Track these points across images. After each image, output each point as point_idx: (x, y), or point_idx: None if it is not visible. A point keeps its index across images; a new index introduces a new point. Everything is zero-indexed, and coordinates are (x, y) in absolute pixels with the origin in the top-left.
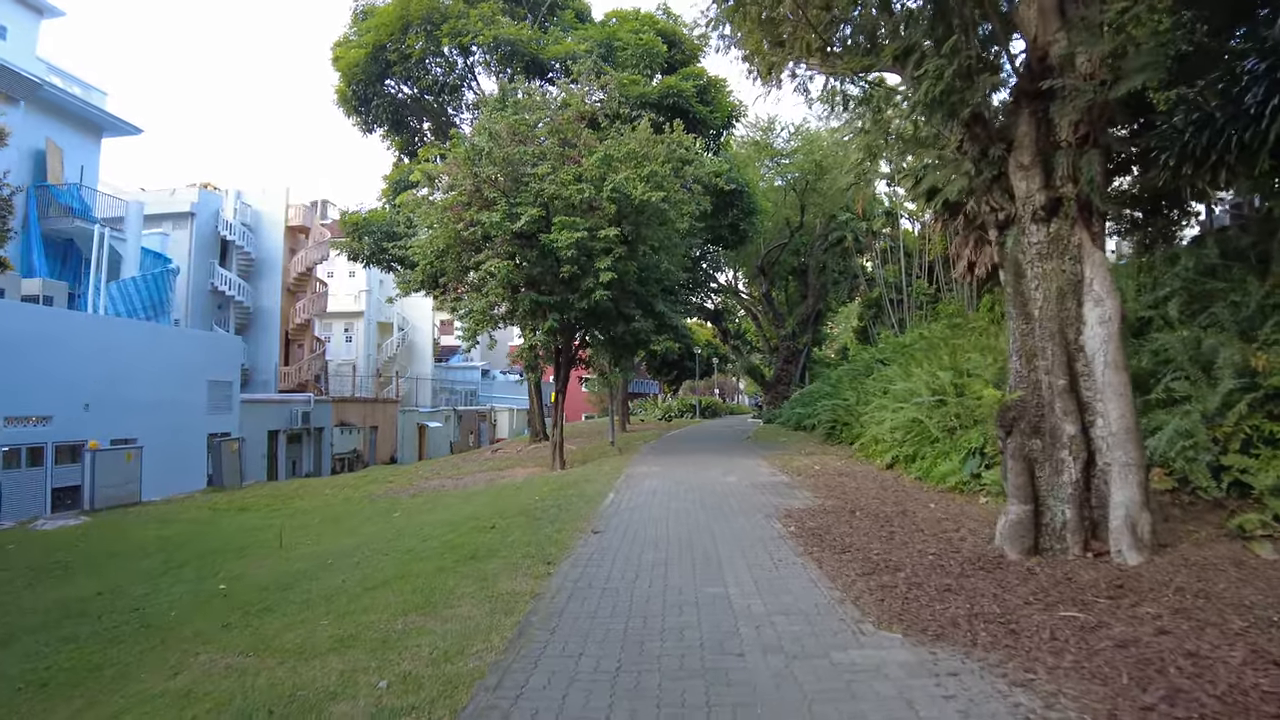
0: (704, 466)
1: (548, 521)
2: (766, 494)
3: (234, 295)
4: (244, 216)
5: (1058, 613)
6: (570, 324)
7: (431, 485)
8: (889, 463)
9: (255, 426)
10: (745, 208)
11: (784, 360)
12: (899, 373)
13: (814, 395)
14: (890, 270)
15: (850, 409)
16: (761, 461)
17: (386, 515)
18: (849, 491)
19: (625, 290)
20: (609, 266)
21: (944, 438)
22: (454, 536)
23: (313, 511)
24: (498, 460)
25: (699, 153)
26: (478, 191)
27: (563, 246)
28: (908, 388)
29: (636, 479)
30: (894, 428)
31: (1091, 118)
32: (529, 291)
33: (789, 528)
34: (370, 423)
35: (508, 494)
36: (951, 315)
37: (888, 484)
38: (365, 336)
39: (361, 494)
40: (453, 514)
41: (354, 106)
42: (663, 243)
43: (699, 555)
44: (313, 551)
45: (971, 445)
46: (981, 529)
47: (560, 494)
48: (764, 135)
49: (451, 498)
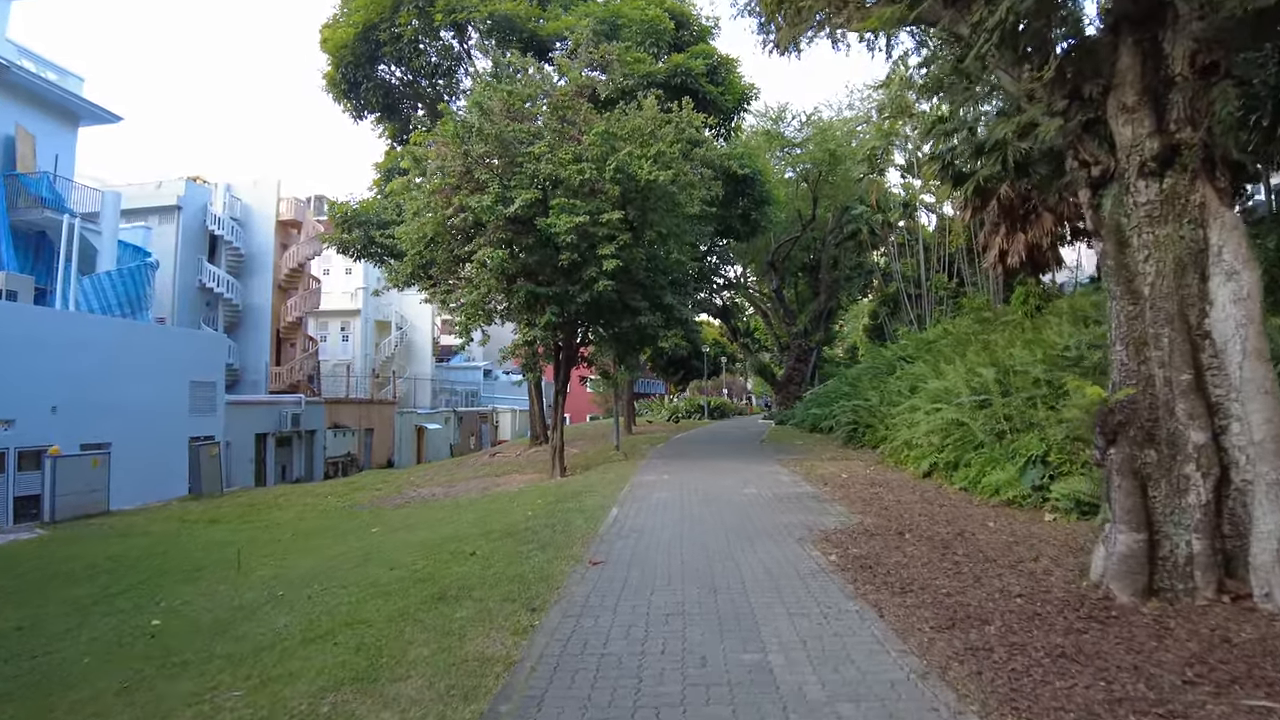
0: (718, 474)
1: (539, 546)
2: (794, 509)
3: (223, 292)
4: (233, 210)
5: (1237, 700)
6: (571, 318)
7: (421, 494)
8: (926, 470)
9: (242, 429)
10: (757, 196)
11: (795, 359)
12: (927, 370)
13: (830, 395)
14: (907, 264)
15: (873, 410)
16: (780, 468)
17: (363, 531)
18: (888, 506)
19: (631, 281)
20: (613, 254)
21: (991, 443)
22: (427, 564)
23: (286, 525)
24: (495, 465)
25: (709, 136)
26: (468, 174)
27: (561, 232)
28: (943, 386)
29: (644, 489)
30: (930, 431)
31: (1216, 43)
32: (525, 282)
33: (829, 556)
34: (366, 425)
35: (499, 506)
36: (978, 309)
37: (929, 496)
38: (362, 335)
39: (346, 503)
40: (434, 532)
41: (343, 91)
42: (671, 229)
43: (725, 600)
44: (271, 576)
45: (1030, 453)
46: (1064, 557)
47: (557, 508)
48: (774, 124)
49: (438, 510)
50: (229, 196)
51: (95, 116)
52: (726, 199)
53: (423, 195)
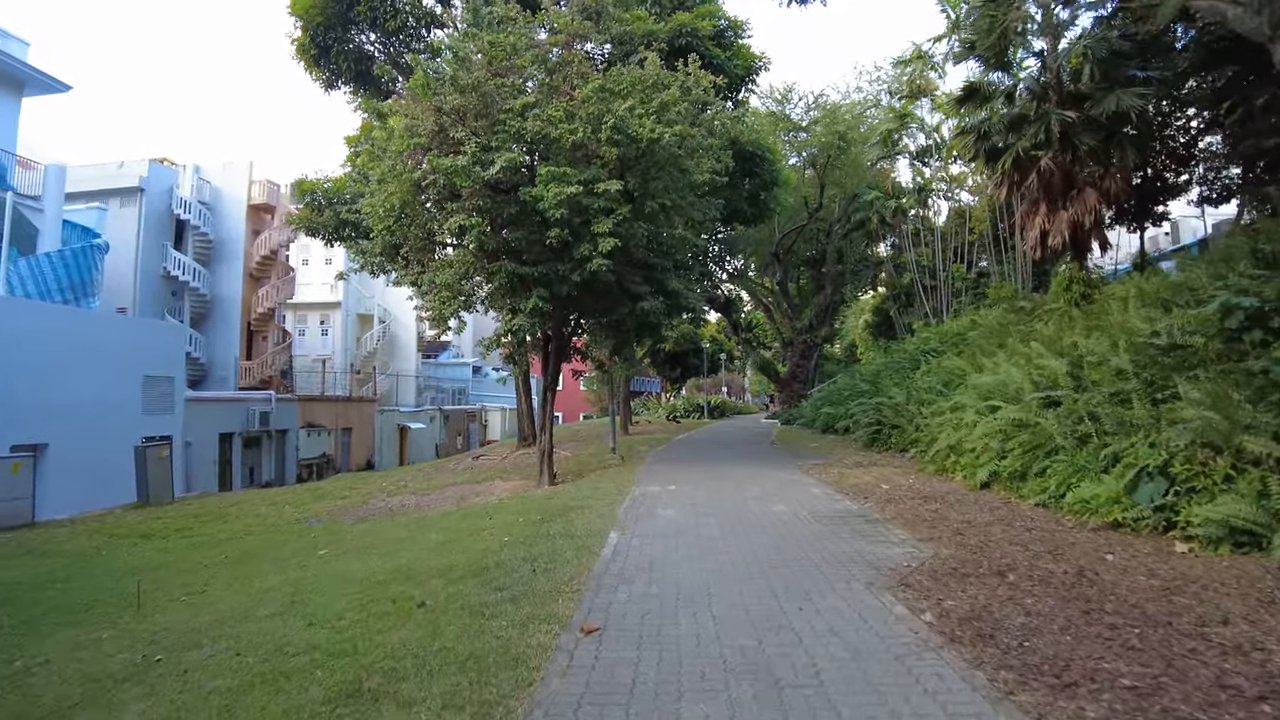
0: (734, 484)
1: (511, 597)
2: (842, 534)
3: (189, 281)
4: (202, 194)
5: None
6: (561, 304)
7: (390, 504)
8: (984, 480)
9: (204, 429)
10: (766, 177)
11: (799, 355)
12: (964, 363)
13: (843, 393)
14: (922, 254)
15: (899, 409)
16: (805, 476)
17: (309, 554)
18: (960, 530)
19: (629, 261)
20: (610, 230)
21: (1072, 448)
22: (356, 622)
23: (227, 543)
24: (477, 470)
25: (718, 100)
26: (441, 133)
27: (550, 204)
28: (995, 381)
29: (647, 504)
30: (988, 434)
31: None
32: (507, 261)
33: (922, 614)
34: (343, 424)
35: (471, 525)
36: (1010, 298)
37: (1002, 515)
38: (343, 329)
39: (302, 514)
40: (385, 561)
41: (313, 58)
42: (676, 202)
43: (801, 716)
44: (168, 623)
45: (1141, 462)
46: (1258, 614)
47: (541, 529)
48: (780, 105)
49: (401, 527)
50: (197, 179)
51: (41, 85)
52: (732, 180)
53: (388, 157)
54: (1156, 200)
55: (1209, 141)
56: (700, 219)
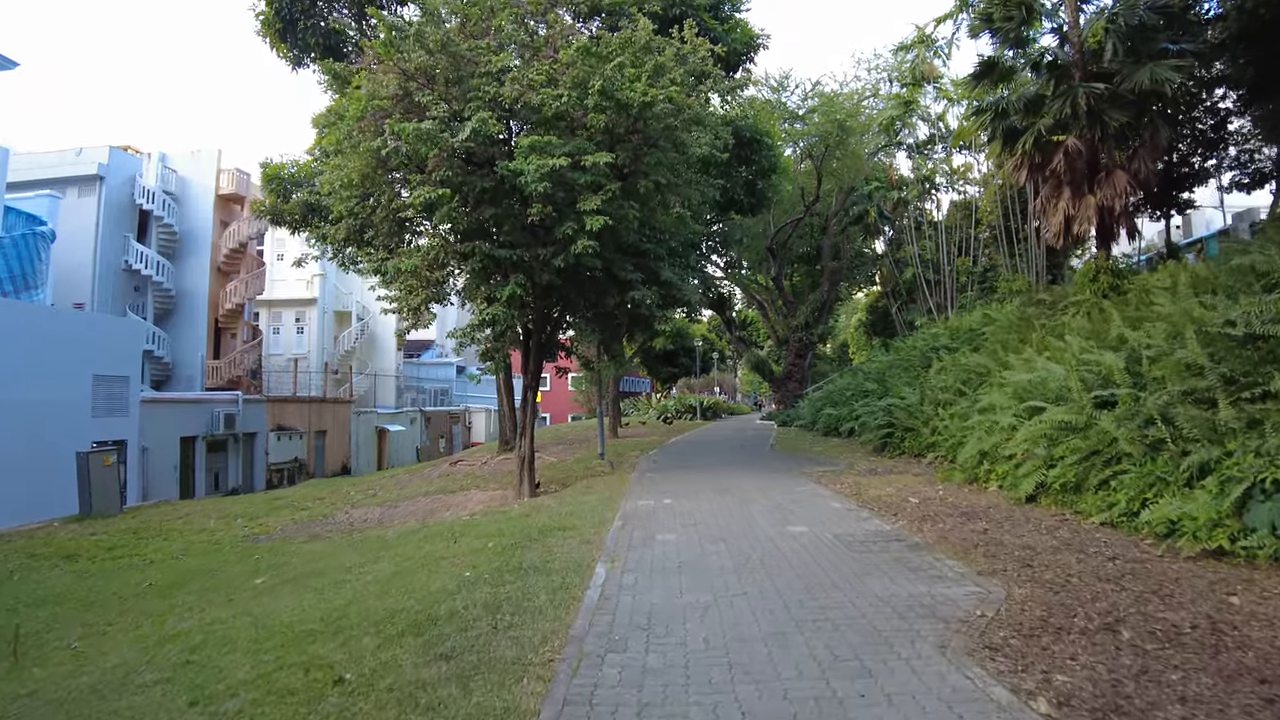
0: (740, 496)
1: (456, 676)
2: (881, 565)
3: (153, 275)
4: (168, 184)
5: None
6: (543, 293)
7: (353, 517)
8: (1030, 493)
9: (163, 432)
10: (764, 164)
11: (795, 354)
12: (988, 360)
13: (846, 393)
14: (925, 248)
15: (912, 410)
16: (818, 487)
17: (243, 584)
18: (1025, 558)
19: (620, 247)
20: (598, 209)
21: (1143, 457)
22: (249, 703)
23: (158, 566)
24: (454, 478)
25: (717, 70)
26: (406, 97)
27: (531, 179)
28: (1034, 379)
29: (641, 524)
30: (1031, 439)
31: None
32: (482, 243)
33: (1032, 701)
34: (317, 427)
35: (429, 553)
36: (1025, 292)
37: (1063, 535)
38: (319, 327)
39: (257, 529)
40: (319, 602)
41: (279, 33)
42: (671, 180)
43: None
44: (41, 682)
45: (1249, 477)
46: None
47: (511, 561)
48: (776, 94)
49: (351, 551)
50: (163, 168)
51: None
52: (728, 167)
53: (347, 123)
54: (1182, 186)
55: (1238, 125)
56: (698, 200)
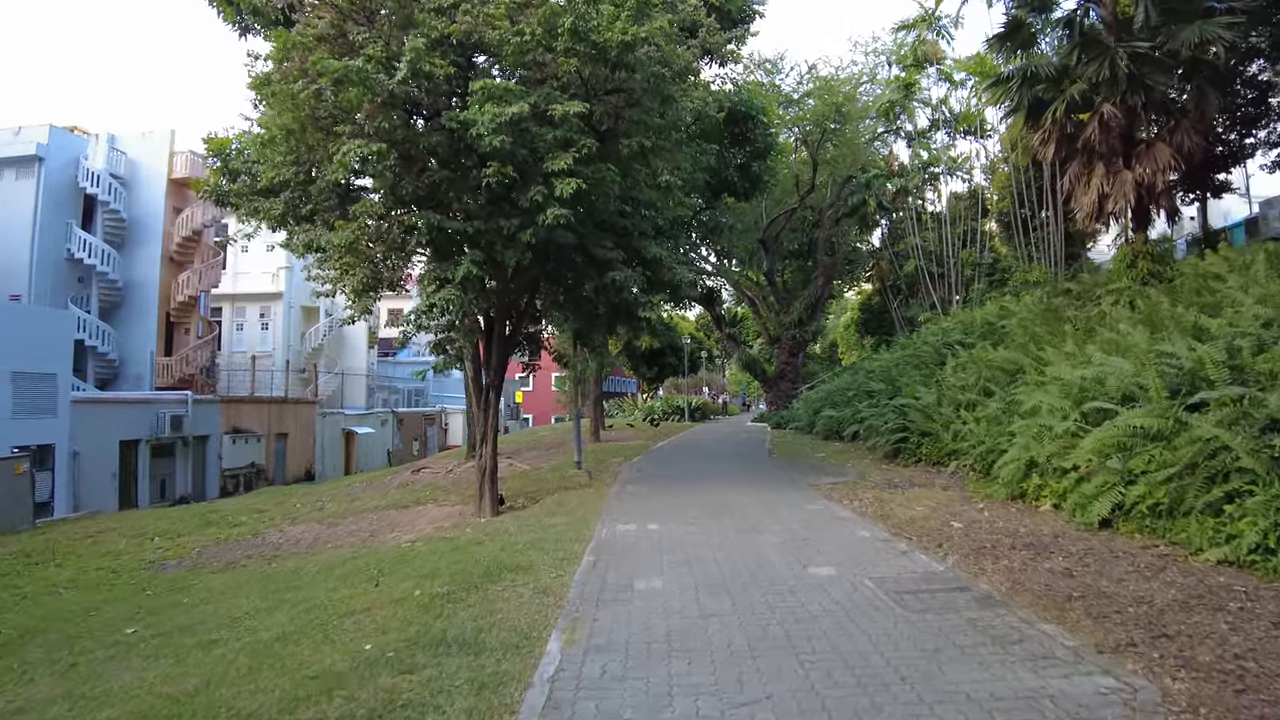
0: (741, 519)
1: None
2: (954, 634)
3: (97, 265)
4: (116, 167)
5: None
6: (505, 274)
7: (287, 536)
8: (1103, 516)
9: (99, 436)
10: (759, 143)
11: (788, 353)
12: (1019, 355)
13: (847, 393)
14: (927, 239)
15: (929, 411)
16: (833, 504)
17: (103, 637)
18: (1155, 622)
19: (598, 221)
20: (569, 169)
21: (1269, 474)
22: None
23: (30, 600)
24: (411, 489)
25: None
26: (341, 37)
27: (486, 130)
28: (1093, 375)
29: (617, 563)
30: (1098, 448)
31: None
32: (430, 214)
33: None
34: (278, 429)
35: (339, 601)
36: (1045, 283)
37: (1187, 584)
38: (284, 323)
39: (170, 552)
40: (162, 684)
41: None
42: (659, 143)
43: None
44: None
45: None
46: None
47: (433, 630)
48: (769, 75)
49: (253, 594)
50: (111, 150)
51: None
52: (720, 147)
53: (272, 71)
54: (1219, 166)
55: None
56: (690, 168)
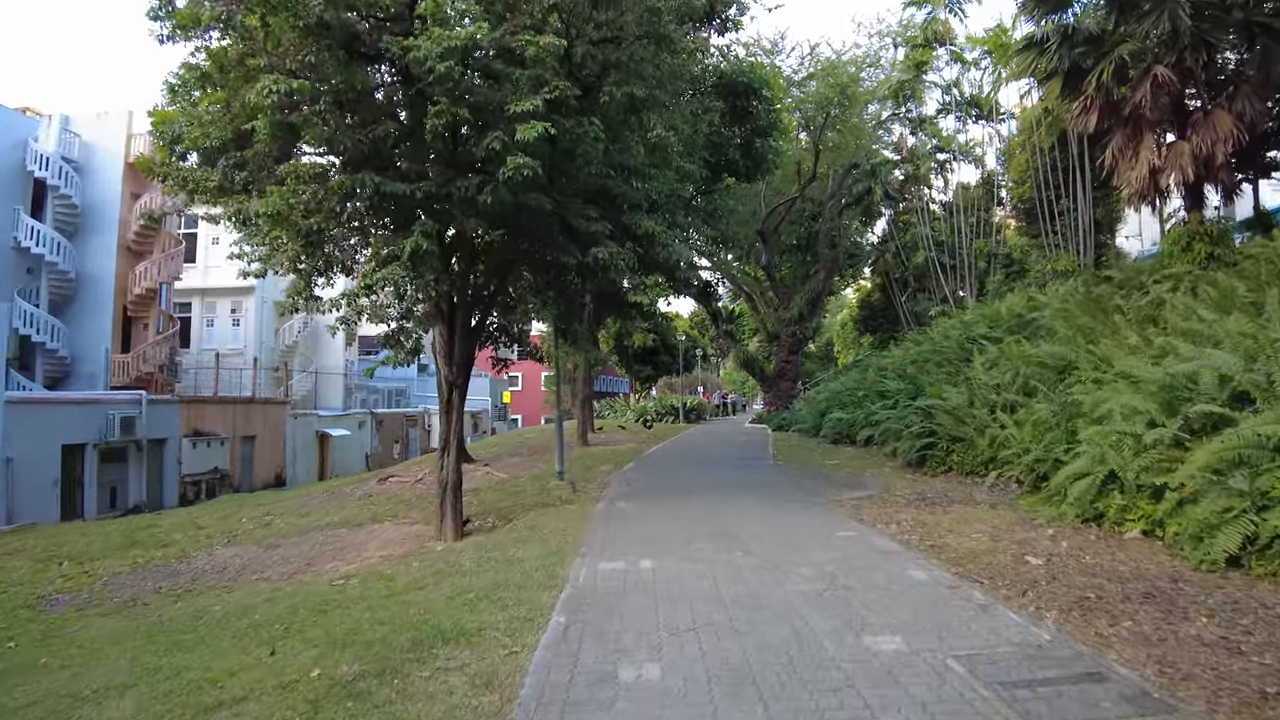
0: (756, 555)
1: None
2: None
3: (47, 255)
4: (69, 150)
5: None
6: (468, 248)
7: (216, 560)
8: (1232, 553)
9: (39, 439)
10: (762, 120)
11: (788, 351)
12: (1067, 350)
13: (857, 392)
14: (938, 228)
15: (959, 413)
16: (869, 531)
17: None
18: None
19: (578, 187)
20: (538, 110)
21: None
22: None
23: None
24: (372, 501)
25: None
26: None
27: (428, 56)
28: (1184, 373)
29: (597, 633)
30: (1211, 465)
31: None
32: (366, 173)
33: None
34: (244, 431)
35: (215, 677)
36: (1077, 272)
37: None
38: (257, 319)
39: (70, 582)
40: None
41: None
42: (653, 93)
43: None
44: None
45: None
46: None
47: None
48: (769, 56)
49: (126, 650)
50: (64, 132)
51: None
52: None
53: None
54: (1269, 143)
55: None
56: (689, 129)
